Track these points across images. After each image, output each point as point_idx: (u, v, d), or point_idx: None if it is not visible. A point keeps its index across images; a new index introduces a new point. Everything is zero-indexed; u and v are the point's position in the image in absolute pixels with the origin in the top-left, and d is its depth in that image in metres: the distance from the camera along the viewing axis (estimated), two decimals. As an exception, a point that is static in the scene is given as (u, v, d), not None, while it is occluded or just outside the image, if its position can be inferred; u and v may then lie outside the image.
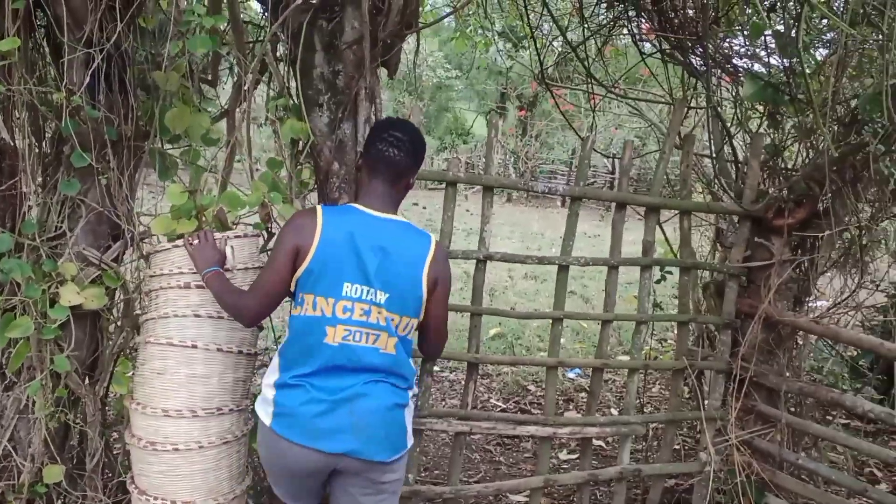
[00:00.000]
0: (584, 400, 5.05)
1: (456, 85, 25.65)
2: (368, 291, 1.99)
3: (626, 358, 5.30)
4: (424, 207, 14.04)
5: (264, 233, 2.52)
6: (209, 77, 2.87)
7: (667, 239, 3.70)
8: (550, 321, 2.97)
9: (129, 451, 2.37)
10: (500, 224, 14.93)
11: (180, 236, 2.30)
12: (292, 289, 2.05)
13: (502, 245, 12.45)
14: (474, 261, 2.82)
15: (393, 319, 2.02)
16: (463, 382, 3.07)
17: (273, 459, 2.06)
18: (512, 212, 18.60)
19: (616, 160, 20.01)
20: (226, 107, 2.85)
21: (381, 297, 2.00)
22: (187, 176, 2.61)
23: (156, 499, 2.18)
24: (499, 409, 4.97)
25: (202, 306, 2.23)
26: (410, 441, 2.15)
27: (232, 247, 2.27)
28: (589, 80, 4.21)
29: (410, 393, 2.16)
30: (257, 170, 2.59)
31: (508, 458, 4.23)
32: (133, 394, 2.31)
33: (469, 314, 2.88)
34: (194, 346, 2.19)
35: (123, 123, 2.41)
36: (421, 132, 2.22)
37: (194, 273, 2.20)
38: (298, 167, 2.54)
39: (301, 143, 2.51)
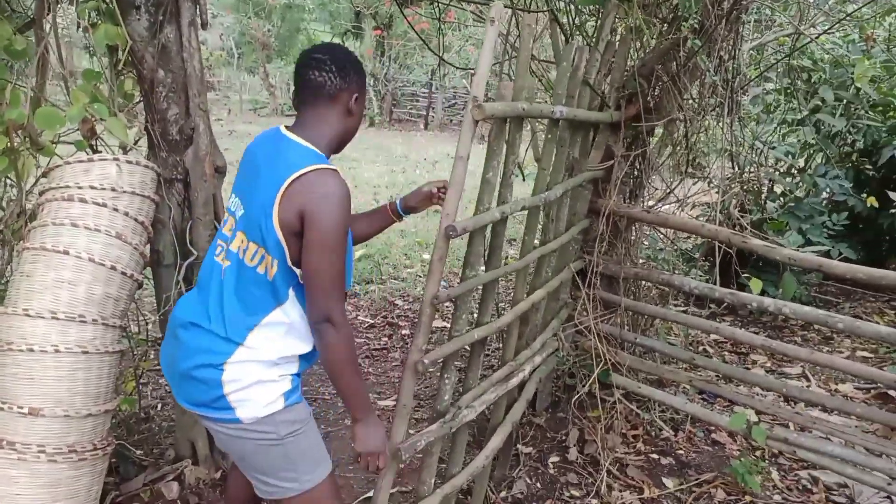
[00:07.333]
0: (449, 309, 5.17)
1: (307, 4, 24.54)
2: (234, 202, 1.81)
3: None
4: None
5: (88, 150, 2.35)
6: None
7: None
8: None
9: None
10: (365, 149, 14.85)
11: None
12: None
13: (369, 168, 12.42)
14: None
15: (242, 241, 1.74)
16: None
17: None
18: (375, 135, 18.43)
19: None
20: (31, 16, 2.58)
21: (239, 211, 1.78)
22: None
23: (3, 402, 2.10)
24: (366, 325, 5.05)
25: (81, 218, 2.24)
26: (242, 412, 1.71)
27: (119, 165, 2.27)
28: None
29: (239, 351, 1.72)
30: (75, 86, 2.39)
31: (377, 368, 4.33)
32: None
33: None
34: (66, 253, 2.19)
35: None
36: (348, 53, 1.83)
37: (80, 187, 2.24)
38: (120, 78, 2.37)
39: (119, 50, 2.33)
